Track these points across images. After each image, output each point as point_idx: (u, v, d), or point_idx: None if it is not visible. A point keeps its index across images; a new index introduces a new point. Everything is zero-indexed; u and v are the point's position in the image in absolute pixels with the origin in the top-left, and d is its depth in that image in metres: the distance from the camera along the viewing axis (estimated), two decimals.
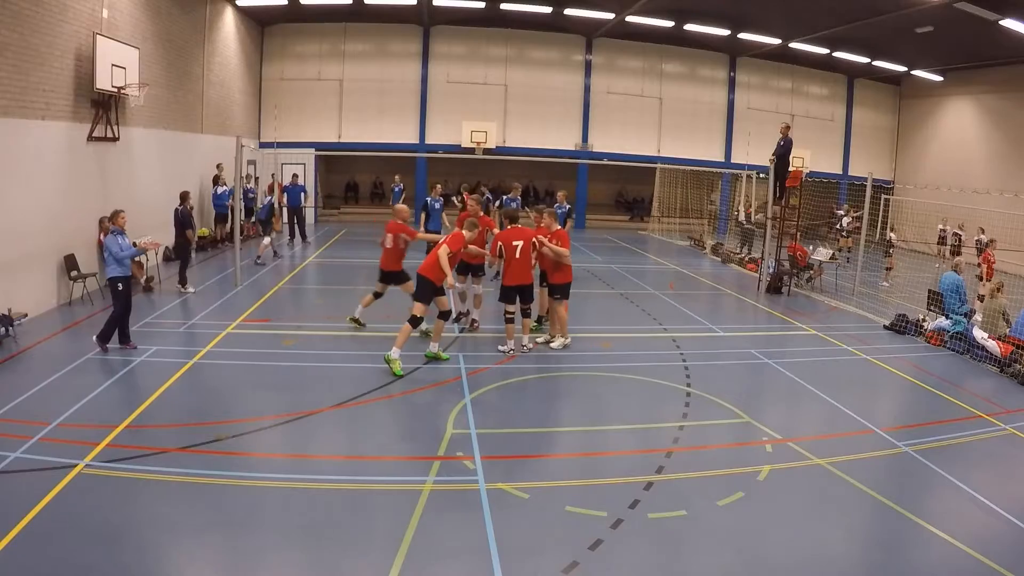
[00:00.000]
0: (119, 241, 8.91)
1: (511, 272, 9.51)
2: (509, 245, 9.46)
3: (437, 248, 8.88)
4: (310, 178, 23.55)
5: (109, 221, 9.18)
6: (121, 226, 9.05)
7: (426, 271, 8.80)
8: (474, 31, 25.07)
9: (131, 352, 8.96)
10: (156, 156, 15.22)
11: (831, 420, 7.90)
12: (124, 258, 8.95)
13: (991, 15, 17.02)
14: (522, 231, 9.66)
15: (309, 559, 4.80)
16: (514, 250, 9.46)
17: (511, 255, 9.46)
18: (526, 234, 9.57)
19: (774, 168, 15.18)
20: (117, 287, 8.92)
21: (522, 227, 9.82)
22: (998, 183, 20.96)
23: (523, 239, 9.48)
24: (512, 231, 9.63)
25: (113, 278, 8.93)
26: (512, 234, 9.58)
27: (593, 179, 27.97)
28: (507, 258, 9.46)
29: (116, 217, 9.09)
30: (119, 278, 8.92)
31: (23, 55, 10.29)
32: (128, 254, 9.00)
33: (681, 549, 5.22)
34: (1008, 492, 6.25)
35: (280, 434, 6.91)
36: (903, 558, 5.17)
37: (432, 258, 8.82)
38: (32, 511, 5.09)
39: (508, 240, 9.50)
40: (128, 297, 9.04)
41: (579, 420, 7.64)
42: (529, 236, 9.55)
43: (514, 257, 9.45)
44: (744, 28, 23.07)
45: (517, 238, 9.52)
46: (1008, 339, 10.54)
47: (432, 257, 8.84)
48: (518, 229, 9.69)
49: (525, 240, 9.49)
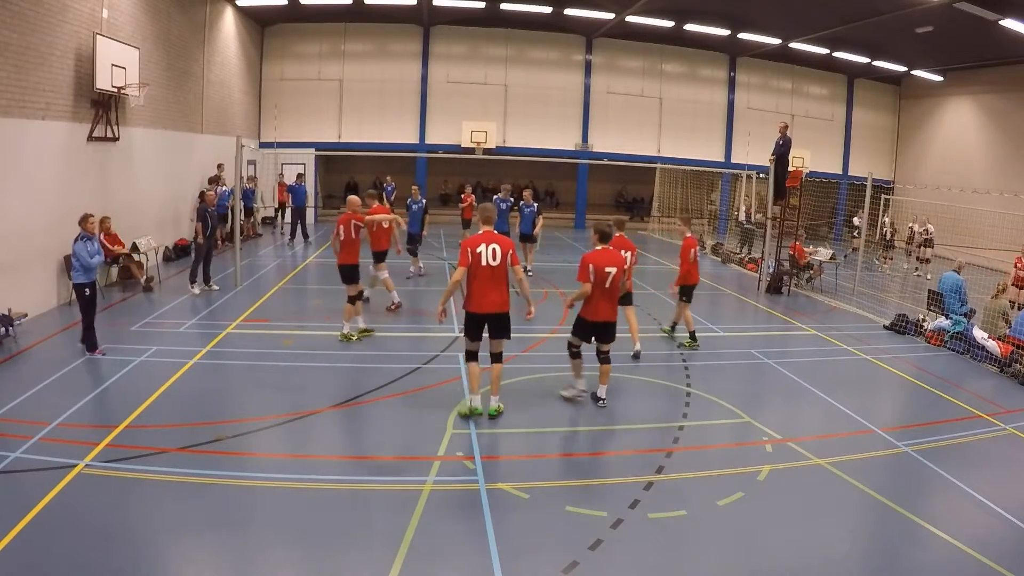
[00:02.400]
0: (88, 247, 8.77)
1: (596, 305, 7.58)
2: (601, 271, 7.45)
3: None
4: (310, 178, 23.58)
5: (79, 225, 8.92)
6: (90, 231, 8.91)
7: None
8: (474, 31, 25.07)
9: (101, 358, 8.75)
10: (156, 156, 15.22)
11: (831, 420, 7.90)
12: (92, 265, 8.81)
13: (991, 15, 17.01)
14: (615, 254, 7.68)
15: (309, 559, 4.80)
16: (605, 278, 7.48)
17: (600, 283, 7.49)
18: (619, 259, 7.66)
19: (774, 168, 15.18)
20: (84, 293, 8.76)
21: (613, 248, 7.84)
22: (998, 183, 20.96)
23: (617, 265, 7.56)
24: (604, 253, 7.57)
25: (79, 284, 8.77)
26: (604, 257, 7.54)
27: (593, 179, 27.97)
28: (595, 287, 7.49)
29: (85, 222, 8.91)
30: (85, 284, 8.77)
31: (23, 55, 10.30)
32: (97, 261, 8.87)
33: (681, 549, 5.22)
34: (1008, 492, 6.25)
35: (280, 434, 6.91)
36: (903, 558, 5.17)
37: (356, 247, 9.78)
38: (32, 511, 5.10)
39: (600, 264, 7.46)
40: (94, 303, 8.90)
41: (579, 420, 7.64)
42: (622, 262, 7.70)
43: (603, 286, 7.50)
44: (744, 28, 23.07)
45: (610, 262, 7.53)
46: (1008, 339, 10.54)
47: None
48: (609, 251, 7.66)
49: (619, 267, 7.59)
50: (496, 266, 7.00)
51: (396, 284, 12.30)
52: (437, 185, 29.35)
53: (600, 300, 7.55)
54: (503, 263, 7.04)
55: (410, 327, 11.23)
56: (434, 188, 28.64)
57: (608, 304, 7.60)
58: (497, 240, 7.08)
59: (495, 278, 7.04)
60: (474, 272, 7.02)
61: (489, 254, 6.98)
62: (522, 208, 15.63)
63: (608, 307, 7.61)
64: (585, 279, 7.48)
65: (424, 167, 25.58)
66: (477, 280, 7.03)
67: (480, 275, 7.01)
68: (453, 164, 27.05)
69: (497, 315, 7.12)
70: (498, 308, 7.10)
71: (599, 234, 7.71)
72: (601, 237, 7.69)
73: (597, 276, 7.46)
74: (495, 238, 7.09)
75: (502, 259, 7.03)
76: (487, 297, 7.04)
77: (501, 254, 7.02)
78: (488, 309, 7.08)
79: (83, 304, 8.81)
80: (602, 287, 7.49)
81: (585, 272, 7.48)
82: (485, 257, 6.97)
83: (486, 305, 7.06)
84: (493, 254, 7.00)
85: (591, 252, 7.59)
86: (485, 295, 7.03)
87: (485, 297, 7.04)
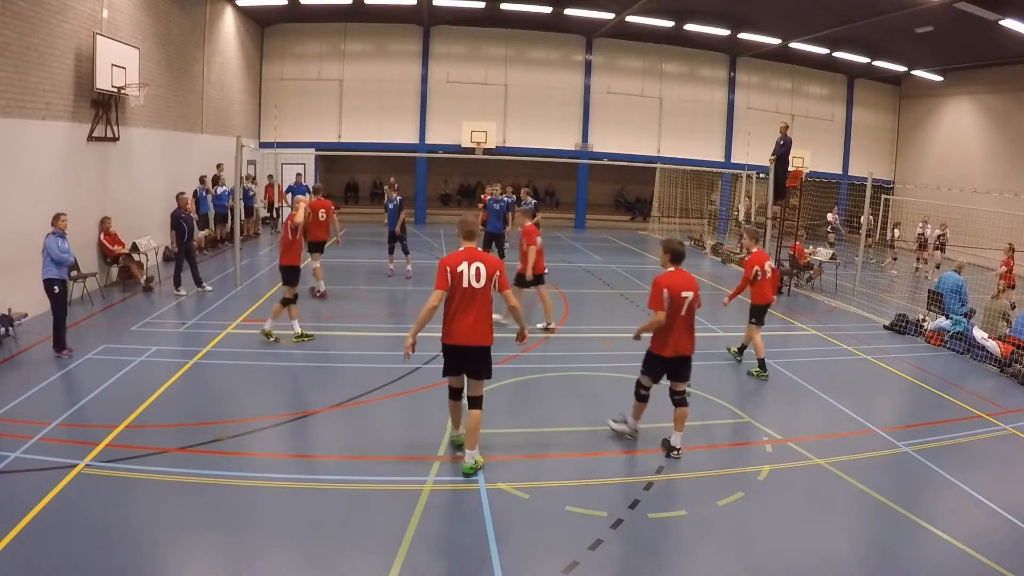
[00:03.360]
0: (59, 243, 8.80)
1: (671, 337, 6.50)
2: (677, 296, 6.46)
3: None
4: (310, 178, 23.57)
5: (52, 223, 8.94)
6: (62, 229, 8.93)
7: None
8: (474, 31, 25.07)
9: (67, 359, 8.66)
10: (156, 156, 15.22)
11: (831, 420, 7.90)
12: (63, 261, 8.84)
13: (991, 15, 17.01)
14: (689, 277, 6.63)
15: (309, 559, 4.80)
16: (682, 304, 6.49)
17: (675, 310, 6.48)
18: (693, 283, 6.60)
19: (774, 168, 15.18)
20: (53, 290, 8.76)
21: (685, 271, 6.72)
22: (998, 183, 20.96)
23: (693, 290, 6.54)
24: (678, 276, 6.55)
25: (49, 280, 8.77)
26: (679, 280, 6.52)
27: (593, 179, 27.98)
28: (670, 315, 6.46)
29: (57, 220, 8.95)
30: (55, 280, 8.79)
31: (23, 55, 10.29)
32: (66, 258, 8.89)
33: (681, 549, 5.22)
34: (1008, 492, 6.25)
35: (280, 434, 6.91)
36: (903, 558, 5.17)
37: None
38: (32, 511, 5.10)
39: (676, 289, 6.47)
40: (64, 300, 8.91)
41: (579, 420, 7.64)
42: (696, 286, 6.62)
43: (679, 314, 6.50)
44: (744, 28, 23.07)
45: (686, 286, 6.51)
46: (1008, 339, 10.54)
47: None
48: (683, 274, 6.61)
49: (695, 291, 6.58)
50: (480, 288, 5.86)
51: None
52: (437, 185, 29.36)
53: (676, 331, 6.47)
54: (488, 286, 5.90)
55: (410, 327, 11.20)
56: (434, 188, 28.65)
57: (686, 336, 6.55)
58: (482, 259, 5.94)
59: (478, 303, 5.89)
60: (453, 296, 5.87)
61: (472, 274, 5.84)
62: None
63: (686, 339, 6.56)
64: (659, 307, 6.42)
65: (424, 167, 25.57)
66: (456, 305, 5.88)
67: (460, 299, 5.87)
68: (453, 164, 27.05)
69: (479, 349, 5.97)
70: (480, 340, 5.95)
71: (671, 253, 6.60)
72: (673, 257, 6.59)
73: (673, 303, 6.41)
74: (479, 256, 5.96)
75: (487, 281, 5.88)
76: (467, 326, 5.89)
77: (487, 275, 5.87)
78: (469, 341, 5.91)
79: (52, 302, 8.80)
80: (677, 315, 6.45)
81: (659, 299, 6.41)
82: (467, 277, 5.83)
83: (466, 336, 5.91)
84: (477, 274, 5.85)
85: (664, 275, 6.53)
86: (465, 324, 5.88)
87: (465, 326, 5.89)
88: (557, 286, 14.69)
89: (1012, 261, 14.87)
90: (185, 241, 12.47)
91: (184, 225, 12.43)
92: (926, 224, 20.56)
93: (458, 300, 5.88)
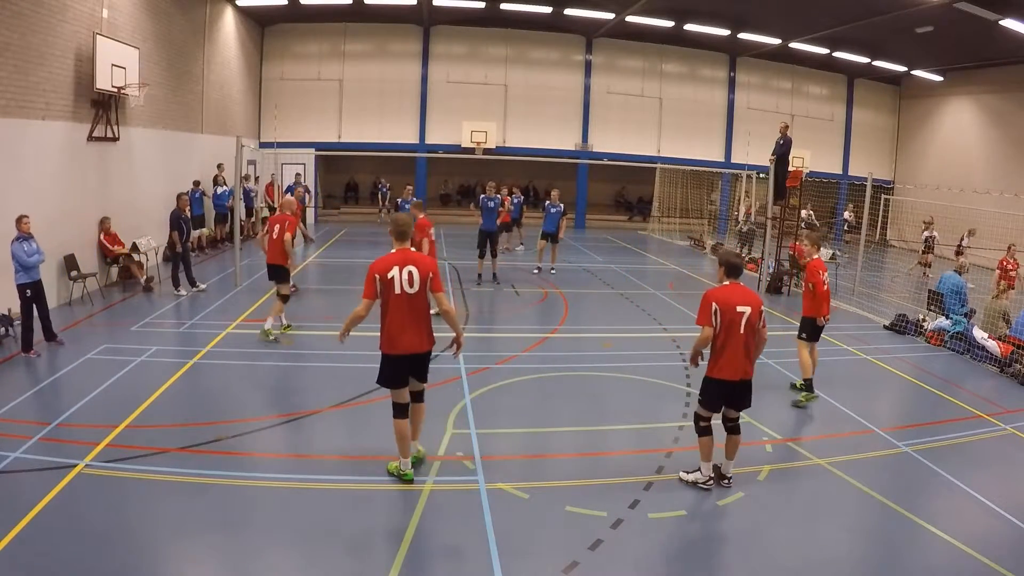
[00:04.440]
0: (24, 247, 8.79)
1: (728, 359, 5.79)
2: (731, 310, 5.74)
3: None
4: (310, 178, 23.58)
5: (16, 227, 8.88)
6: (26, 232, 8.89)
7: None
8: (474, 31, 25.08)
9: (34, 359, 8.64)
10: (156, 156, 15.22)
11: (831, 420, 7.90)
12: (31, 264, 8.82)
13: (991, 15, 17.01)
14: (747, 292, 5.88)
15: (309, 559, 4.80)
16: (738, 320, 5.76)
17: (734, 328, 5.75)
18: (753, 298, 5.87)
19: (774, 168, 15.17)
20: (25, 293, 8.79)
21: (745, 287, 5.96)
22: (998, 183, 20.95)
23: (752, 305, 5.79)
24: (734, 290, 5.84)
25: (21, 285, 8.80)
26: (734, 295, 5.81)
27: (593, 179, 27.98)
28: (724, 333, 5.76)
29: (20, 223, 8.89)
30: (27, 284, 8.81)
31: (23, 55, 10.30)
32: (34, 260, 8.88)
33: (681, 549, 5.22)
34: (1008, 492, 6.25)
35: (280, 434, 6.91)
36: (903, 558, 5.17)
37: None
38: (32, 511, 5.09)
39: (730, 303, 5.76)
40: (36, 301, 8.92)
41: (579, 420, 7.64)
42: (759, 301, 5.88)
43: (737, 333, 5.76)
44: (744, 28, 23.07)
45: (743, 301, 5.79)
46: (1008, 339, 10.54)
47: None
48: (740, 288, 5.88)
49: (755, 307, 5.81)
50: (414, 294, 5.60)
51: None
52: (437, 185, 29.35)
53: (733, 352, 5.77)
54: (422, 290, 5.64)
55: None
56: (434, 188, 28.64)
57: (745, 357, 5.80)
58: (415, 261, 5.64)
59: (415, 310, 5.63)
60: (387, 304, 5.58)
61: (404, 279, 5.56)
62: (548, 208, 15.96)
63: (745, 361, 5.81)
64: (706, 322, 5.77)
65: (424, 167, 25.57)
66: (392, 314, 5.59)
67: (395, 307, 5.57)
68: (453, 164, 27.05)
69: (421, 356, 5.79)
70: (421, 347, 5.73)
71: (726, 266, 5.93)
72: (729, 270, 5.91)
73: (725, 318, 5.72)
74: (411, 258, 5.65)
75: (420, 285, 5.61)
76: (408, 334, 5.63)
77: (419, 279, 5.59)
78: (412, 349, 5.68)
79: (23, 304, 8.82)
80: (735, 334, 5.74)
81: (707, 313, 5.76)
82: (399, 283, 5.54)
83: (408, 344, 5.65)
84: (409, 279, 5.57)
85: (716, 288, 5.90)
86: (405, 332, 5.61)
87: (405, 334, 5.62)
88: (557, 286, 14.71)
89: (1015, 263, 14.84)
90: (184, 241, 12.47)
91: (184, 226, 12.44)
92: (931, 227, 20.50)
93: (393, 308, 5.59)
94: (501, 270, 15.22)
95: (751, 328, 5.78)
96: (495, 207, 14.54)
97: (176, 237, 12.33)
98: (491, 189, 14.65)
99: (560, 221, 15.86)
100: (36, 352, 8.82)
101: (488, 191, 14.64)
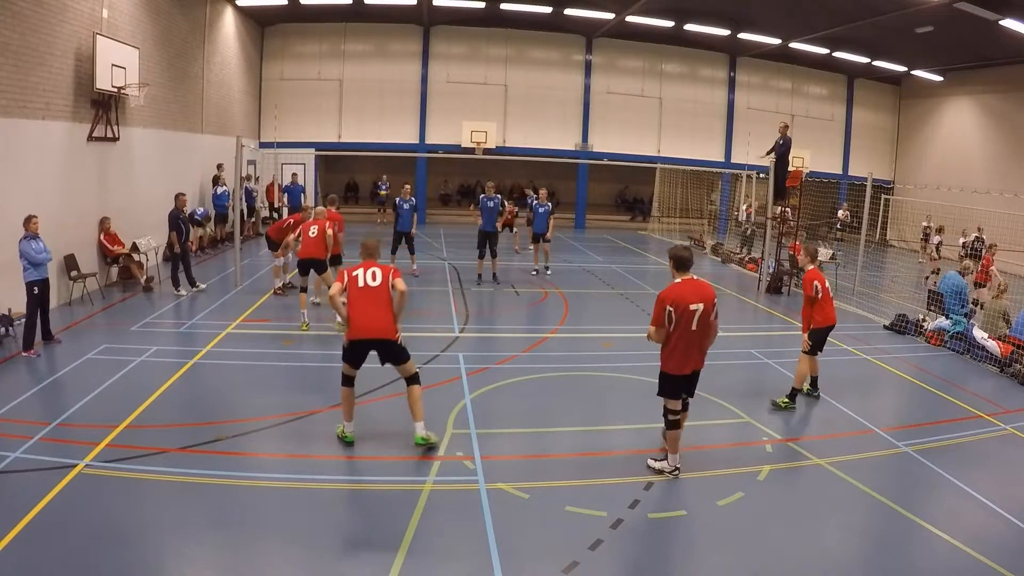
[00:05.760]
0: (33, 246, 8.91)
1: (683, 354, 6.01)
2: (685, 310, 5.87)
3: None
4: (310, 178, 23.57)
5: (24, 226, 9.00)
6: (34, 231, 9.00)
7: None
8: (474, 31, 25.08)
9: (35, 359, 8.67)
10: (156, 156, 15.21)
11: (831, 420, 7.90)
12: (42, 262, 8.96)
13: (991, 15, 17.01)
14: (701, 286, 6.03)
15: (309, 559, 4.80)
16: (691, 318, 5.91)
17: (687, 326, 5.92)
18: (706, 292, 6.00)
19: (774, 168, 15.18)
20: (33, 290, 8.90)
21: (698, 279, 6.12)
22: (998, 183, 20.94)
23: (704, 301, 5.93)
24: (687, 286, 5.95)
25: (30, 282, 8.91)
26: (687, 291, 5.92)
27: (593, 179, 27.97)
28: (677, 331, 5.94)
29: (28, 223, 9.01)
30: (36, 281, 8.93)
31: (23, 55, 10.29)
32: (43, 258, 8.99)
33: (681, 549, 5.22)
34: (1008, 492, 6.24)
35: (280, 434, 6.91)
36: (903, 558, 5.17)
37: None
38: (32, 511, 5.10)
39: (683, 301, 5.88)
40: (41, 300, 9.01)
41: (579, 420, 7.64)
42: (711, 296, 6.00)
43: (690, 330, 5.94)
44: (744, 28, 23.07)
45: (696, 297, 5.91)
46: (1008, 339, 10.54)
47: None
48: (693, 283, 6.00)
49: (707, 302, 5.94)
50: (377, 287, 6.41)
51: None
52: (437, 185, 29.35)
53: (687, 348, 5.96)
54: (385, 283, 6.43)
55: (409, 327, 11.19)
56: (434, 188, 28.64)
57: (698, 352, 6.07)
58: (378, 265, 6.57)
59: (377, 300, 6.39)
60: (352, 296, 6.43)
61: (368, 276, 6.45)
62: (536, 207, 15.81)
63: (698, 356, 6.09)
64: (660, 323, 5.94)
65: (424, 167, 25.57)
66: (357, 304, 6.41)
67: (359, 297, 6.40)
68: (453, 164, 27.05)
69: (384, 342, 6.45)
70: (382, 334, 6.40)
71: (675, 260, 6.06)
72: (677, 264, 6.03)
73: (679, 317, 5.87)
74: (375, 265, 6.57)
75: (383, 279, 6.44)
76: (369, 320, 6.36)
77: (382, 275, 6.46)
78: (372, 335, 6.40)
79: (29, 301, 8.91)
80: (687, 331, 5.91)
81: (662, 315, 5.90)
82: (363, 279, 6.42)
83: (369, 330, 6.38)
84: (373, 276, 6.45)
85: (669, 288, 5.95)
86: (367, 318, 6.36)
87: (367, 320, 6.36)
88: (557, 286, 14.71)
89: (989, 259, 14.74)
90: (183, 242, 12.48)
91: (183, 226, 12.43)
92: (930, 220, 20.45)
93: (358, 298, 6.42)
94: (501, 270, 15.22)
95: (704, 323, 5.96)
96: (495, 207, 14.54)
97: (175, 237, 12.32)
98: (491, 189, 14.64)
99: (548, 220, 15.72)
100: (36, 352, 8.85)
101: (488, 191, 14.63)
